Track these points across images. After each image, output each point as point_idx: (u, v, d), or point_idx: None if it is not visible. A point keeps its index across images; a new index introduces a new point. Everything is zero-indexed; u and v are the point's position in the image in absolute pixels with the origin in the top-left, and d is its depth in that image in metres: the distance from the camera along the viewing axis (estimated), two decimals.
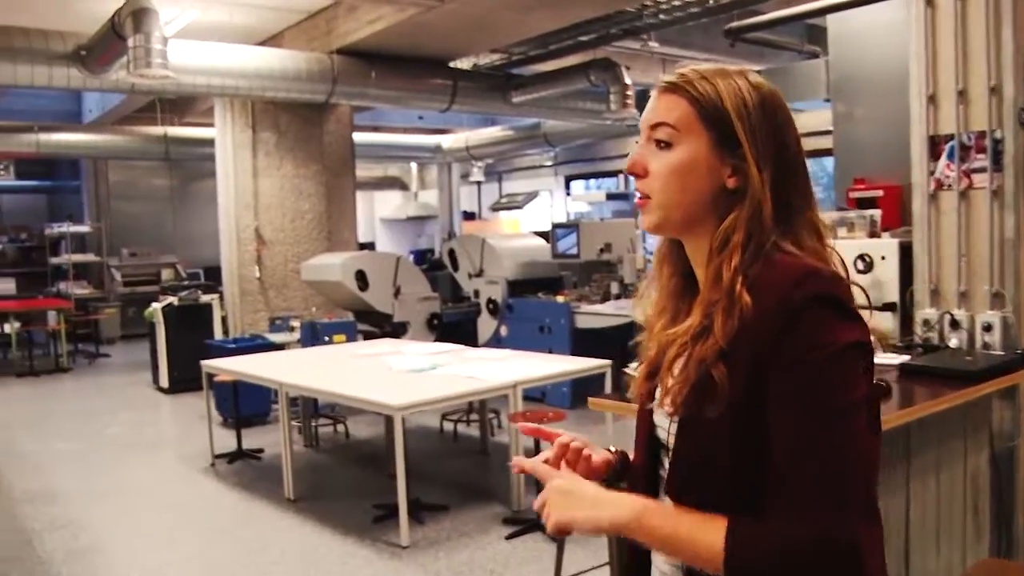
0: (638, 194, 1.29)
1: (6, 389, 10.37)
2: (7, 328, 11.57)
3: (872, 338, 1.17)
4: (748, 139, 1.23)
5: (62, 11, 7.54)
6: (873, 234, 4.52)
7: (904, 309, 4.33)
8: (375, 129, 15.57)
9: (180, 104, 12.60)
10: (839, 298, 1.15)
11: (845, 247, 4.47)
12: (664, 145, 1.26)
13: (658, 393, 1.29)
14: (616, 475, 1.43)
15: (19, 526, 5.31)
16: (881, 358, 3.32)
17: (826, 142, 11.38)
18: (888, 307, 4.36)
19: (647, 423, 1.36)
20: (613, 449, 1.46)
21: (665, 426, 1.29)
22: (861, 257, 4.42)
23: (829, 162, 15.52)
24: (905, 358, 3.48)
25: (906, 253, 4.31)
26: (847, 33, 6.89)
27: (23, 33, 7.08)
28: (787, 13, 8.30)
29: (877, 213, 4.61)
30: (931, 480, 3.14)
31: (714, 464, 1.18)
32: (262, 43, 9.10)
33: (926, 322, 3.96)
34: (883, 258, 4.41)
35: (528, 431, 1.44)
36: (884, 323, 4.30)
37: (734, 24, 8.99)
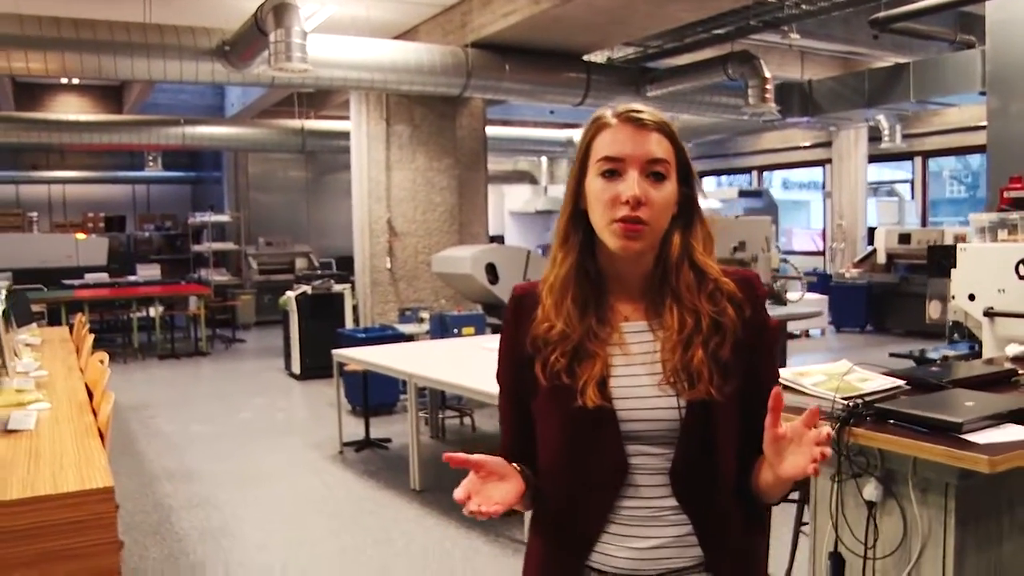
0: (637, 220, 1.40)
1: (149, 370, 10.84)
2: (152, 312, 12.10)
3: None
4: (693, 175, 1.49)
5: (210, 8, 7.80)
6: None
7: None
8: (505, 123, 15.61)
9: (317, 98, 12.91)
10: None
11: (1005, 251, 4.18)
12: (658, 178, 1.42)
13: (632, 381, 1.44)
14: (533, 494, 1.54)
15: (158, 503, 5.51)
16: None
17: (978, 138, 10.85)
18: None
19: (612, 422, 1.42)
20: (517, 468, 1.50)
21: (654, 417, 1.41)
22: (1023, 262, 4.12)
23: (974, 160, 14.82)
24: None
25: None
26: (1008, 21, 6.50)
27: (173, 30, 7.35)
28: (940, 0, 7.88)
29: None
30: None
31: (726, 437, 1.44)
32: (398, 37, 9.21)
33: None
34: None
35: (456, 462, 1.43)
36: None
37: (880, 14, 8.60)
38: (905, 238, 12.49)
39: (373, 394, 7.10)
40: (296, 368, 9.82)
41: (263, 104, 13.38)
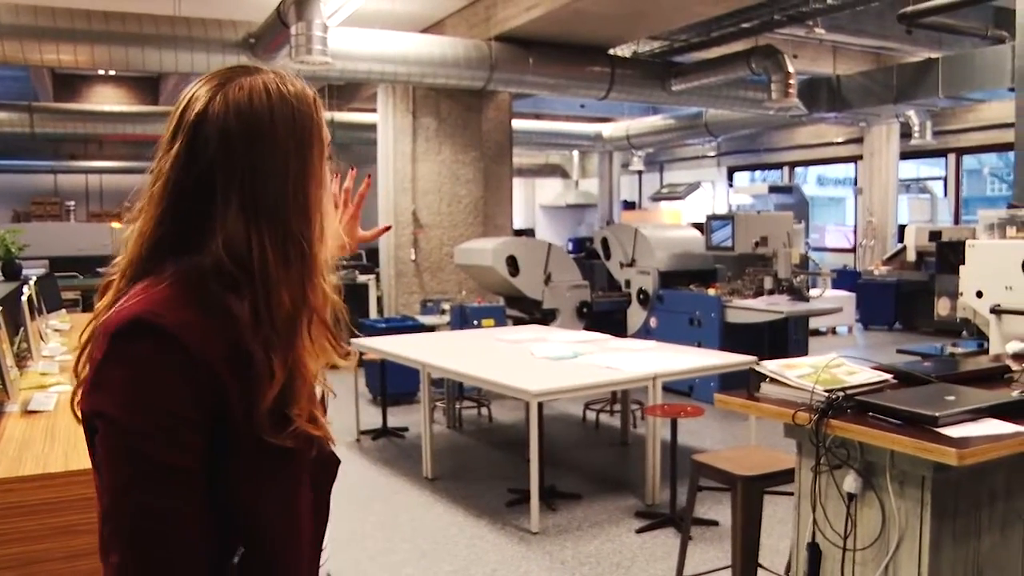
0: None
1: None
2: None
3: None
4: None
5: (237, 1, 7.91)
6: None
7: None
8: (536, 116, 15.65)
9: (346, 91, 13.02)
10: None
11: (1013, 248, 4.16)
12: None
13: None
14: None
15: None
16: None
17: (1008, 135, 10.71)
18: None
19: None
20: None
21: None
22: None
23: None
24: None
25: None
26: None
27: (200, 23, 7.48)
28: None
29: None
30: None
31: None
32: (424, 30, 9.28)
33: None
34: None
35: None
36: None
37: (910, 8, 8.54)
38: (936, 236, 12.35)
39: (393, 384, 7.19)
40: None
41: None
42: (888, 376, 2.75)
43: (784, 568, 3.92)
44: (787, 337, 8.08)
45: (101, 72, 14.76)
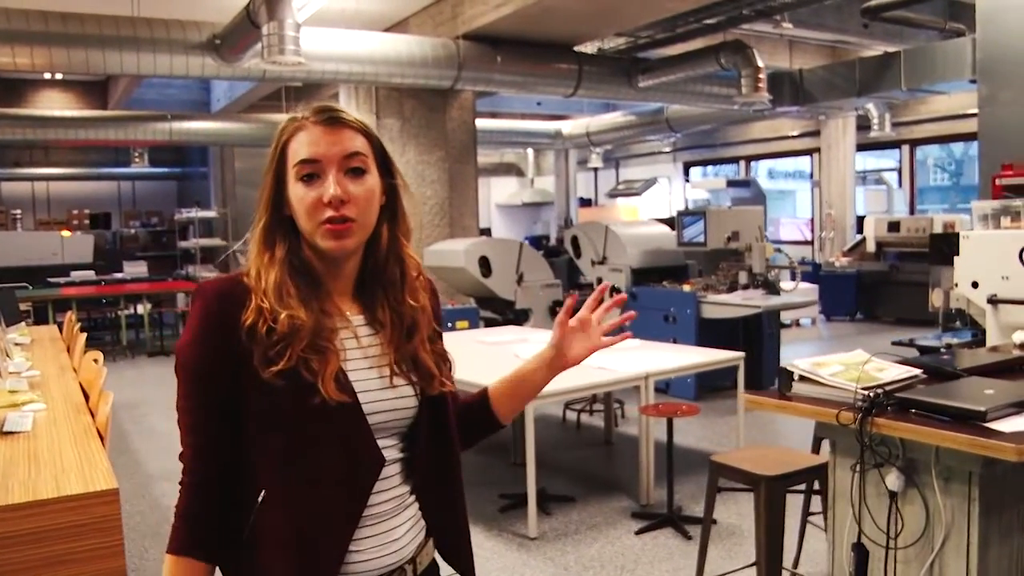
0: (344, 219, 1.40)
1: (139, 368, 10.76)
2: (140, 309, 12.03)
3: None
4: (394, 166, 1.52)
5: (199, 2, 7.72)
6: None
7: None
8: (493, 115, 15.56)
9: (305, 91, 12.83)
10: None
11: (1008, 238, 4.18)
12: (358, 172, 1.43)
13: (386, 378, 1.47)
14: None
15: (156, 503, 5.46)
16: None
17: (968, 126, 10.85)
18: None
19: (359, 416, 1.42)
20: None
21: (392, 407, 1.46)
22: None
23: (957, 148, 14.86)
24: None
25: None
26: (997, 8, 6.50)
27: (162, 24, 7.27)
28: None
29: None
30: None
31: (449, 414, 1.56)
32: (388, 29, 9.14)
33: None
34: None
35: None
36: None
37: (872, 3, 8.62)
38: (894, 226, 12.51)
39: None
40: None
41: (250, 99, 13.27)
42: (918, 371, 2.72)
43: (792, 563, 3.89)
44: (761, 331, 8.09)
45: (47, 76, 14.36)
